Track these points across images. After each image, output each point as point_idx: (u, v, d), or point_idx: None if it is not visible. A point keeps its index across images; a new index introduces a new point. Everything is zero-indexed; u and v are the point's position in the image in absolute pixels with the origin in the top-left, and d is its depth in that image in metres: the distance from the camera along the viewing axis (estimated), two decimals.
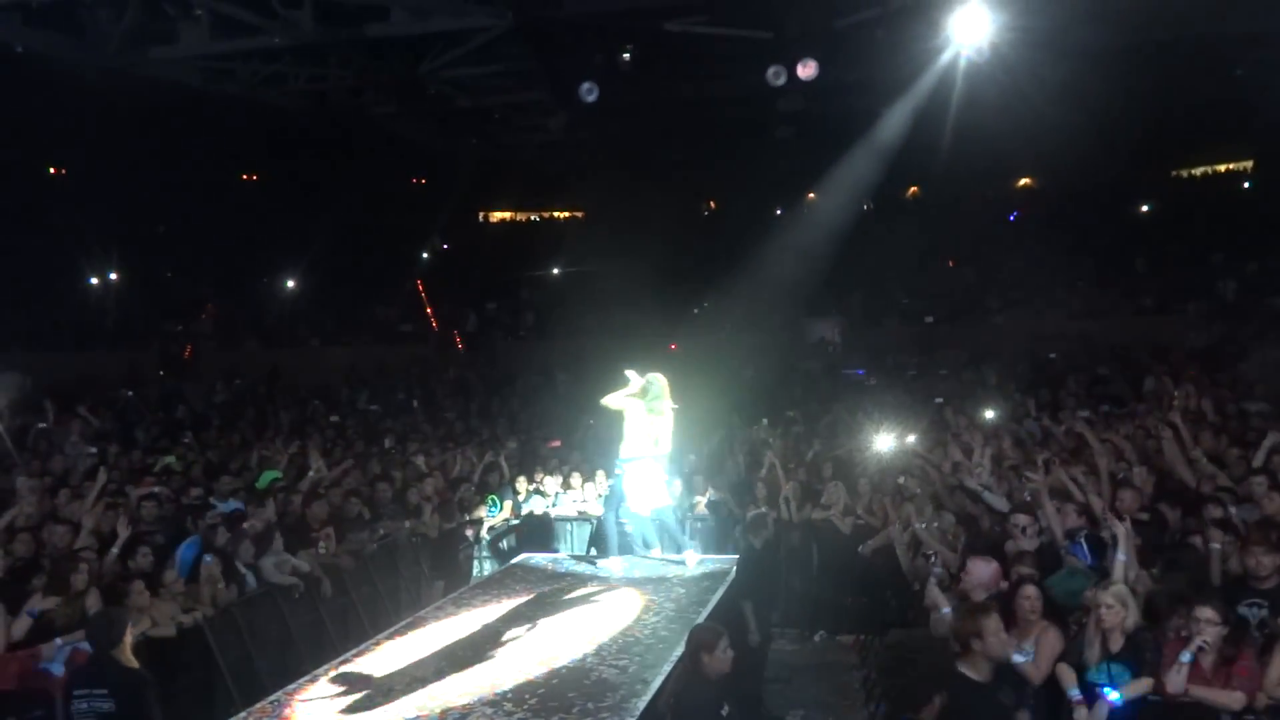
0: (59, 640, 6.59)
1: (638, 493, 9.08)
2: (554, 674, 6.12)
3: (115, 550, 7.99)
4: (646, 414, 8.94)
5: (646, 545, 9.55)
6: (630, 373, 9.08)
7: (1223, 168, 26.88)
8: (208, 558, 8.21)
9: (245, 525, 8.99)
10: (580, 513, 12.09)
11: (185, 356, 23.62)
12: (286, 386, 20.97)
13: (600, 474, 12.32)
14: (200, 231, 25.52)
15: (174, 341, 24.10)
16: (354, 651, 6.87)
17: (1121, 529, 6.17)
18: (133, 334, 23.88)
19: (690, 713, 5.06)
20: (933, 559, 7.60)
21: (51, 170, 25.45)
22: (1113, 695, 5.22)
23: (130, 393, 19.17)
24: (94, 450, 12.84)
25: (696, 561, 9.01)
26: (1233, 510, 7.28)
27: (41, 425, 13.58)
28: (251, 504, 9.68)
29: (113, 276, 24.87)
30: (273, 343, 24.38)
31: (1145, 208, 25.75)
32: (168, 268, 26.59)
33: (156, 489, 10.56)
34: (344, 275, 26.16)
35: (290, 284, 26.26)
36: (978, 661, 4.76)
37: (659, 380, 9.02)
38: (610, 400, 9.06)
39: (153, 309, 25.07)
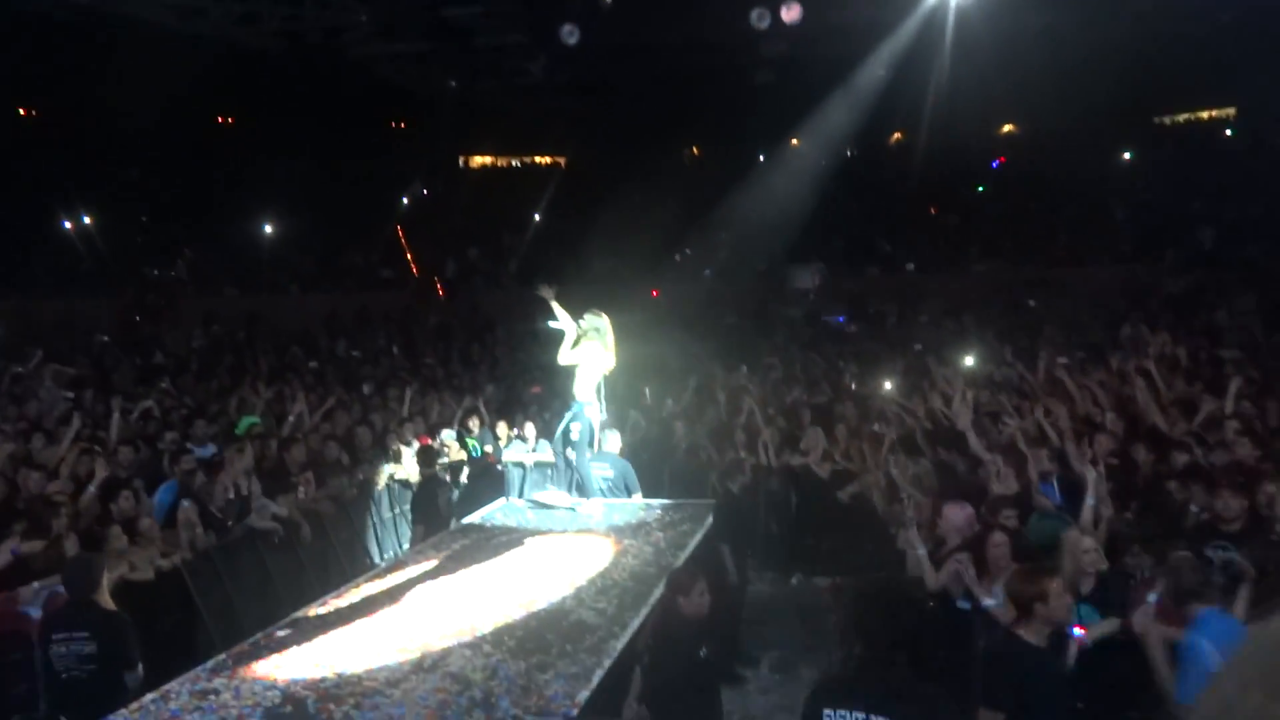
0: (36, 584, 6.58)
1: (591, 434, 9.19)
2: (533, 616, 6.16)
3: (92, 489, 7.97)
4: (603, 351, 8.99)
5: (628, 491, 9.60)
6: (561, 314, 8.98)
7: (1205, 115, 26.80)
8: (185, 502, 8.20)
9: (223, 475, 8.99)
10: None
11: (162, 302, 23.36)
12: (265, 332, 20.81)
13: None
14: (175, 175, 25.14)
15: (151, 287, 23.81)
16: (333, 594, 6.87)
17: (1093, 473, 6.25)
18: (108, 279, 23.57)
19: (667, 654, 5.10)
20: (907, 502, 7.69)
21: (21, 112, 24.94)
22: (1081, 633, 5.32)
23: (106, 338, 18.99)
24: (70, 395, 12.71)
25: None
26: (1198, 454, 7.39)
27: (17, 370, 13.43)
28: (229, 449, 9.64)
29: (86, 220, 24.47)
30: (251, 288, 24.13)
31: (1126, 155, 25.74)
32: (142, 213, 26.18)
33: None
34: (323, 221, 25.84)
35: (269, 229, 25.94)
36: (1037, 626, 4.45)
37: (602, 317, 9.03)
38: (567, 356, 9.04)
39: (129, 254, 24.73)
